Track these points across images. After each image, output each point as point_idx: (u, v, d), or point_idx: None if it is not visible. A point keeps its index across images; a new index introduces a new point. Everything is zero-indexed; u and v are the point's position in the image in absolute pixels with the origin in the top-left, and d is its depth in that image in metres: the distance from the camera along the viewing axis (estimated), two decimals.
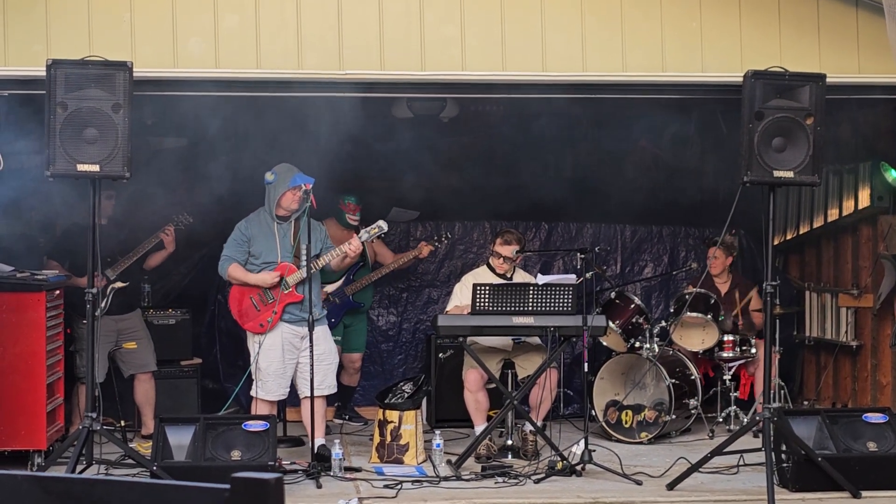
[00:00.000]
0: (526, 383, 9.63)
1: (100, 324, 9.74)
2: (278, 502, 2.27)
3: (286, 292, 9.15)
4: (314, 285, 9.14)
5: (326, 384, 9.26)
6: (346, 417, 11.45)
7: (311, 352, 8.85)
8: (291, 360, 9.21)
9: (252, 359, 9.20)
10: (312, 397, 8.94)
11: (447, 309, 9.97)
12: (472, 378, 9.78)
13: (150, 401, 10.49)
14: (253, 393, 9.21)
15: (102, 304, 9.87)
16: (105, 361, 10.10)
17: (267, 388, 9.15)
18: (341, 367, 11.25)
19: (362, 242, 9.48)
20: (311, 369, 8.86)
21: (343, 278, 10.99)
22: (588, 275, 9.78)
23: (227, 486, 2.30)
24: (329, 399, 11.16)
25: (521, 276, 10.13)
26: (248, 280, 9.20)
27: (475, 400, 9.80)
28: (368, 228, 9.41)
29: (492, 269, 10.06)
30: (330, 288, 10.68)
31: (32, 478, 2.52)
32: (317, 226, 9.31)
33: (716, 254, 11.06)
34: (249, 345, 9.34)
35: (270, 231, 9.25)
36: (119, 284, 9.99)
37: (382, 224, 9.40)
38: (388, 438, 9.46)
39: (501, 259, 9.96)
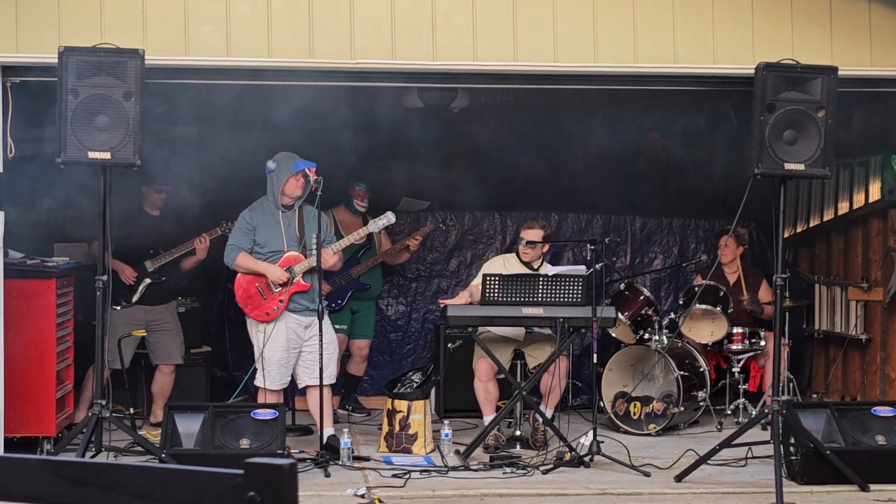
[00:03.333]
0: (535, 374, 9.64)
1: (129, 312, 10.16)
2: (292, 488, 2.27)
3: (293, 281, 9.14)
4: (317, 275, 9.14)
5: (328, 373, 9.25)
6: (349, 408, 11.40)
7: (321, 340, 8.85)
8: (294, 349, 9.20)
9: (256, 347, 9.19)
10: (322, 386, 8.96)
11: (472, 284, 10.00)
12: (483, 368, 9.77)
13: (164, 393, 10.53)
14: (257, 383, 9.18)
15: (135, 297, 10.12)
16: (132, 348, 10.31)
17: (271, 377, 9.12)
18: (348, 355, 11.27)
19: (371, 233, 9.51)
20: (321, 358, 8.87)
21: (348, 259, 10.99)
22: (598, 266, 9.77)
23: (241, 472, 2.30)
24: (335, 388, 11.18)
25: (546, 270, 10.08)
26: (257, 268, 9.17)
27: (485, 389, 9.80)
28: (377, 220, 9.44)
29: (519, 258, 10.06)
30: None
31: (45, 461, 2.52)
32: (320, 215, 9.28)
33: (727, 242, 11.05)
34: (252, 333, 9.30)
35: (275, 220, 9.22)
36: (147, 281, 10.16)
37: (391, 215, 9.44)
38: (397, 428, 9.46)
39: (525, 243, 9.93)
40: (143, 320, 10.35)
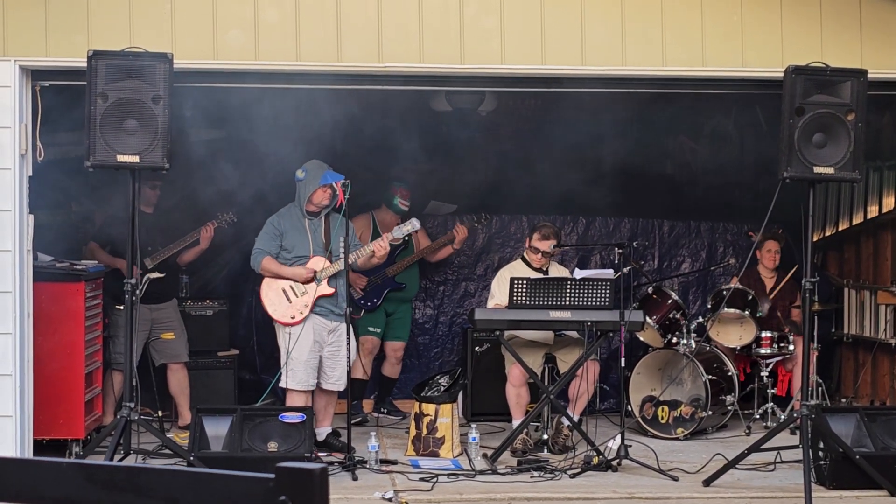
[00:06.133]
0: (562, 378, 9.62)
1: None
2: (323, 493, 2.27)
3: (319, 285, 9.18)
4: (342, 281, 9.17)
5: (339, 378, 9.30)
6: (384, 411, 11.40)
7: (349, 343, 8.94)
8: (318, 352, 9.25)
9: (283, 350, 9.22)
10: (350, 385, 9.01)
11: (488, 307, 9.93)
12: (516, 373, 9.74)
13: (184, 391, 10.52)
14: (283, 384, 9.21)
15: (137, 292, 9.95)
16: (139, 350, 10.15)
17: (298, 377, 9.16)
18: (383, 357, 11.29)
19: (395, 239, 9.51)
20: (349, 360, 8.93)
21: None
22: (625, 269, 9.75)
23: (272, 476, 2.30)
24: (367, 391, 11.20)
25: (556, 270, 10.11)
26: (282, 273, 9.23)
27: (517, 394, 9.78)
28: (401, 226, 9.51)
29: (527, 263, 10.03)
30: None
31: (77, 465, 2.53)
32: (347, 222, 9.31)
33: (775, 248, 11.04)
34: (280, 336, 9.35)
35: (302, 226, 9.30)
36: (155, 275, 10.00)
37: (415, 222, 9.51)
38: (424, 431, 9.46)
39: (540, 254, 9.93)
40: (149, 319, 10.23)
